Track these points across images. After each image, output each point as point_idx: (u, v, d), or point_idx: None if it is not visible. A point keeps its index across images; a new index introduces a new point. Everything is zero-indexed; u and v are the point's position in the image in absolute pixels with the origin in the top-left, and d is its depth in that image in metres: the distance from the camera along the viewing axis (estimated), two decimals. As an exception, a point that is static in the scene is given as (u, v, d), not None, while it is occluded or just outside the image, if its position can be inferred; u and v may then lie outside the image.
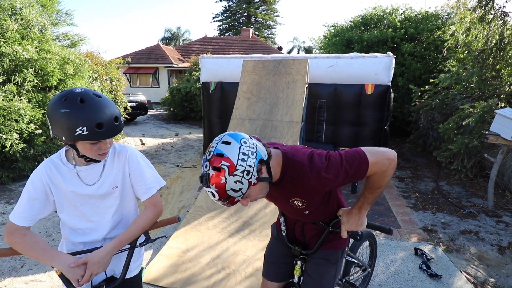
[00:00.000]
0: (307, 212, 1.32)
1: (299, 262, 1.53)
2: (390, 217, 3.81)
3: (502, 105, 4.75)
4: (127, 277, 1.35)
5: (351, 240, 1.92)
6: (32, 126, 4.78)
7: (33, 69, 4.89)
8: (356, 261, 2.00)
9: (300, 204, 1.27)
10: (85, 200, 1.28)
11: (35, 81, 4.93)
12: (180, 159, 6.77)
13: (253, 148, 1.05)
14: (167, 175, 5.67)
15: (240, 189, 1.01)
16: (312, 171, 1.11)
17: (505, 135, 3.53)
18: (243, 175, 1.00)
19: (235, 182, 1.00)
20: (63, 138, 1.11)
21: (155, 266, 2.67)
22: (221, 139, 1.05)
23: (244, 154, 1.01)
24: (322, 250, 1.46)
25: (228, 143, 1.02)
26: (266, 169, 1.09)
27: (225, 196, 1.01)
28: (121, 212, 1.37)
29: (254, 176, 1.03)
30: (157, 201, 1.37)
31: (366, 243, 2.35)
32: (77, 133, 1.07)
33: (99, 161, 1.27)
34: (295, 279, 1.56)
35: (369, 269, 2.30)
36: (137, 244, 1.34)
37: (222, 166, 0.99)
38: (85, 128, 1.07)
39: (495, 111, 3.78)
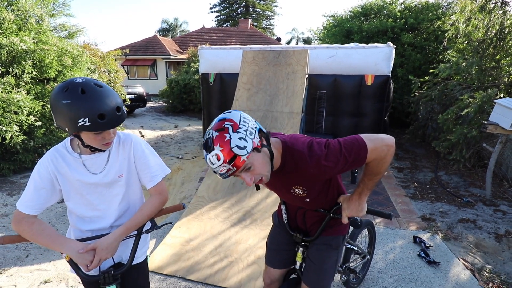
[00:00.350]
0: (308, 199, 1.34)
1: (300, 249, 1.56)
2: (389, 207, 3.86)
3: (502, 95, 4.77)
4: (133, 263, 1.38)
5: (351, 228, 1.96)
6: (31, 118, 4.77)
7: (31, 60, 4.85)
8: (355, 249, 2.04)
9: (301, 192, 1.29)
10: (91, 189, 1.30)
11: (34, 72, 4.89)
12: (180, 151, 6.79)
13: (252, 119, 1.11)
14: (168, 167, 5.70)
15: (245, 147, 1.00)
16: (312, 159, 1.12)
17: (504, 124, 3.55)
18: (246, 133, 1.02)
19: (240, 139, 1.00)
20: (66, 129, 1.11)
21: (159, 255, 2.71)
22: (221, 114, 1.10)
23: (245, 118, 1.06)
24: (323, 236, 1.49)
25: (229, 112, 1.08)
26: (264, 140, 1.12)
27: (230, 155, 0.98)
28: (127, 200, 1.39)
29: (257, 138, 1.05)
30: (163, 189, 1.39)
31: (365, 231, 2.39)
32: (80, 124, 1.07)
33: (104, 150, 1.28)
34: (297, 266, 1.58)
35: (368, 257, 2.35)
36: (144, 230, 1.36)
37: (226, 125, 1.01)
38: (87, 119, 1.07)
39: (495, 101, 3.80)
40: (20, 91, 4.69)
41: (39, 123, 4.92)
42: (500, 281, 2.47)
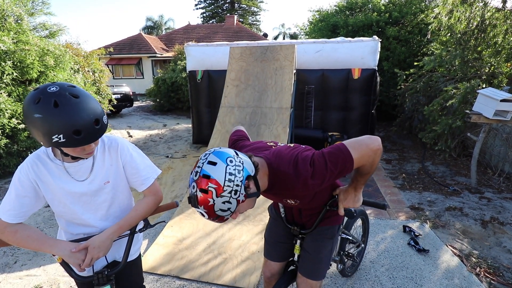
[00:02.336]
0: (301, 206, 1.40)
1: (298, 241, 1.58)
2: (379, 198, 3.93)
3: (484, 86, 4.90)
4: (127, 260, 1.35)
5: (345, 218, 2.00)
6: (14, 121, 4.63)
7: (11, 61, 4.69)
8: (350, 238, 2.09)
9: (293, 202, 1.34)
10: (75, 198, 1.23)
11: (14, 74, 4.74)
12: (170, 150, 6.72)
13: (240, 166, 1.02)
14: (158, 166, 5.63)
15: (228, 209, 1.01)
16: (299, 180, 1.12)
17: (487, 114, 3.66)
18: (230, 195, 0.99)
19: (223, 202, 0.99)
20: (41, 142, 1.03)
21: (152, 255, 2.69)
22: (206, 158, 1.02)
23: (230, 174, 0.99)
24: (319, 226, 1.52)
25: (214, 163, 0.99)
26: (254, 183, 1.07)
27: (214, 216, 1.01)
28: (117, 205, 1.35)
29: (242, 194, 1.02)
30: (156, 190, 1.37)
31: (359, 221, 2.44)
32: (54, 140, 0.98)
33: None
34: (295, 258, 1.61)
35: (362, 245, 2.41)
36: (137, 230, 1.35)
37: (209, 188, 0.97)
38: (61, 136, 0.97)
39: (477, 91, 3.90)
40: (1, 93, 4.54)
41: (22, 125, 4.78)
42: (487, 265, 2.55)
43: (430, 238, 2.99)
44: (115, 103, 8.95)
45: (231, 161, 1.01)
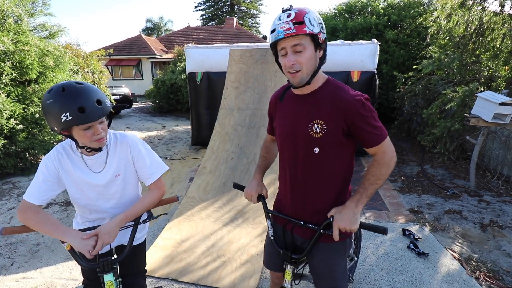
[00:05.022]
0: (318, 149, 1.22)
1: (289, 267, 1.41)
2: (378, 201, 3.93)
3: (482, 89, 4.92)
4: (133, 244, 1.46)
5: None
6: (12, 121, 4.61)
7: (11, 61, 4.67)
8: None
9: (318, 131, 1.20)
10: (91, 187, 1.40)
11: (13, 74, 4.72)
12: (169, 151, 6.71)
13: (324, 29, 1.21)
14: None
15: (313, 26, 1.11)
16: (354, 92, 1.21)
17: (486, 117, 3.66)
18: (321, 24, 1.15)
19: (314, 18, 1.12)
20: (55, 128, 1.19)
21: (150, 258, 2.67)
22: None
23: (322, 22, 1.18)
24: (328, 243, 1.34)
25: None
26: (322, 54, 1.21)
27: (300, 19, 1.10)
28: (127, 196, 1.50)
29: (325, 36, 1.17)
30: (161, 184, 1.51)
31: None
32: (63, 119, 1.14)
33: (100, 150, 1.34)
34: (286, 284, 1.42)
35: (355, 258, 2.33)
36: (141, 221, 1.47)
37: (307, 9, 1.14)
38: (68, 113, 1.14)
39: (476, 94, 3.91)
40: (0, 93, 4.53)
41: (21, 126, 4.76)
42: (487, 269, 2.55)
43: (429, 241, 2.99)
44: (114, 104, 8.94)
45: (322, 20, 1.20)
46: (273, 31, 1.14)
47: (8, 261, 2.84)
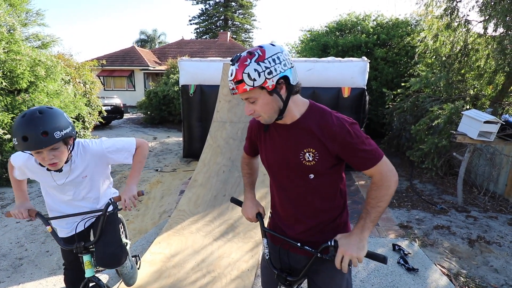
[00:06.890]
0: (313, 175, 1.20)
1: None
2: (368, 215, 3.95)
3: (468, 107, 5.08)
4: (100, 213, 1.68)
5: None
6: (0, 130, 4.52)
7: (1, 71, 4.62)
8: None
9: (311, 159, 1.17)
10: (59, 187, 1.62)
11: (3, 83, 4.66)
12: (159, 163, 6.65)
13: (290, 64, 1.10)
14: (147, 180, 5.55)
15: (254, 80, 1.04)
16: (338, 120, 1.15)
17: (472, 134, 3.77)
18: (265, 71, 1.04)
19: (255, 70, 1.04)
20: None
21: (138, 273, 2.60)
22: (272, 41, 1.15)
23: (278, 58, 1.06)
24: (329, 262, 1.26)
25: (273, 45, 1.10)
26: (285, 90, 1.12)
27: (238, 78, 1.05)
28: (96, 189, 1.75)
29: (273, 82, 1.06)
30: (140, 143, 1.77)
31: None
32: (14, 143, 1.28)
33: (60, 171, 1.51)
34: None
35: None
36: (107, 212, 1.64)
37: (255, 52, 1.06)
38: (15, 139, 1.26)
39: (462, 112, 4.03)
40: (-12, 102, 4.45)
41: (8, 136, 4.67)
42: (475, 285, 2.57)
43: (419, 257, 3.01)
44: (105, 114, 8.86)
45: (286, 54, 1.09)
46: None
47: (-11, 276, 2.73)
